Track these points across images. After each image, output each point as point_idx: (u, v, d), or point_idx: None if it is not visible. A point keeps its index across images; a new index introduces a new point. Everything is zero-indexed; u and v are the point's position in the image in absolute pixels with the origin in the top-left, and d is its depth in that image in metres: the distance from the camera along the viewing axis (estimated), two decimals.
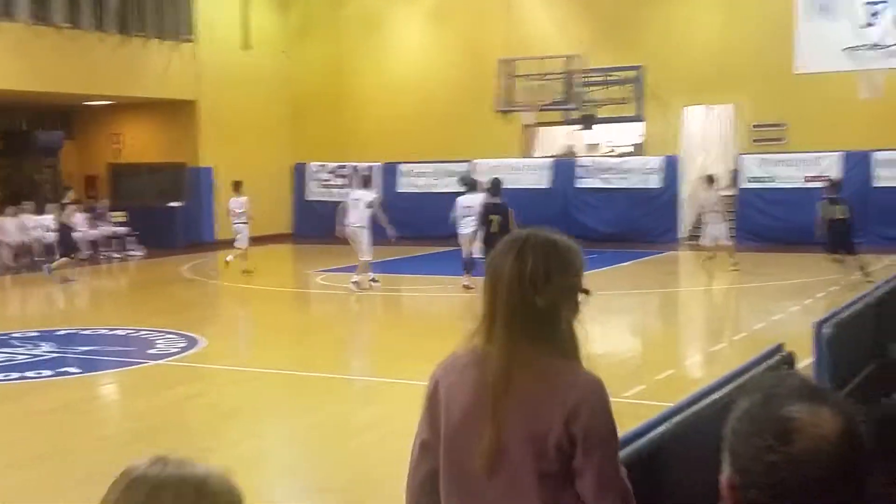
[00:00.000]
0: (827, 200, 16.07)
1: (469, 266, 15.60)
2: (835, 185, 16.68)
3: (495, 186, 14.17)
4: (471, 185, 17.01)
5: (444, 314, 15.87)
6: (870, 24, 21.11)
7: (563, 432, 2.33)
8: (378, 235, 16.78)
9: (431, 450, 2.57)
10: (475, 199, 15.99)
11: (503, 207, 14.04)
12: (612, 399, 2.41)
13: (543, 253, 2.43)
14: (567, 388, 2.36)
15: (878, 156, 21.15)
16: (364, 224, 16.26)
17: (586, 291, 2.46)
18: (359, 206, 16.41)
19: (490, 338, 2.43)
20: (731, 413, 1.59)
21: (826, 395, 1.57)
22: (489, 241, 13.06)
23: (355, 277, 16.20)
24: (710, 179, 18.83)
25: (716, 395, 3.78)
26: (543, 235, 2.49)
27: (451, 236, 22.99)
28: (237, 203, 19.27)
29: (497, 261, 2.47)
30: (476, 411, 2.41)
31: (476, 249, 15.37)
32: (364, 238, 16.24)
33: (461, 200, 16.54)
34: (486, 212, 13.45)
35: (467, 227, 15.92)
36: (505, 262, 2.43)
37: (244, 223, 19.06)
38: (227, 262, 18.84)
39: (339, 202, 17.79)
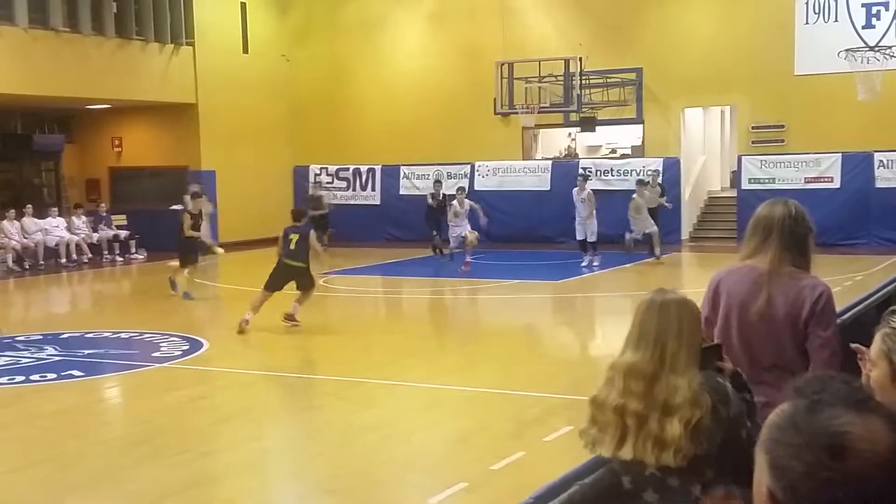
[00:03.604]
0: None
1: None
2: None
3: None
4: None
5: (446, 316, 15.92)
6: (868, 26, 21.15)
7: (810, 310, 3.93)
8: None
9: (709, 322, 4.01)
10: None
11: None
12: None
13: (798, 205, 4.09)
14: (813, 285, 3.98)
15: (881, 156, 21.16)
16: (591, 215, 19.56)
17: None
18: (586, 202, 19.56)
19: (760, 255, 4.00)
20: (771, 419, 1.49)
21: (872, 403, 1.47)
22: None
23: (595, 261, 19.43)
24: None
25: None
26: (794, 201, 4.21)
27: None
28: None
29: (768, 210, 4.09)
30: (753, 292, 3.98)
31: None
32: (593, 227, 19.58)
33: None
34: None
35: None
36: (776, 210, 4.05)
37: None
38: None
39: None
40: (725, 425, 3.06)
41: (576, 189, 19.94)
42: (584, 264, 19.23)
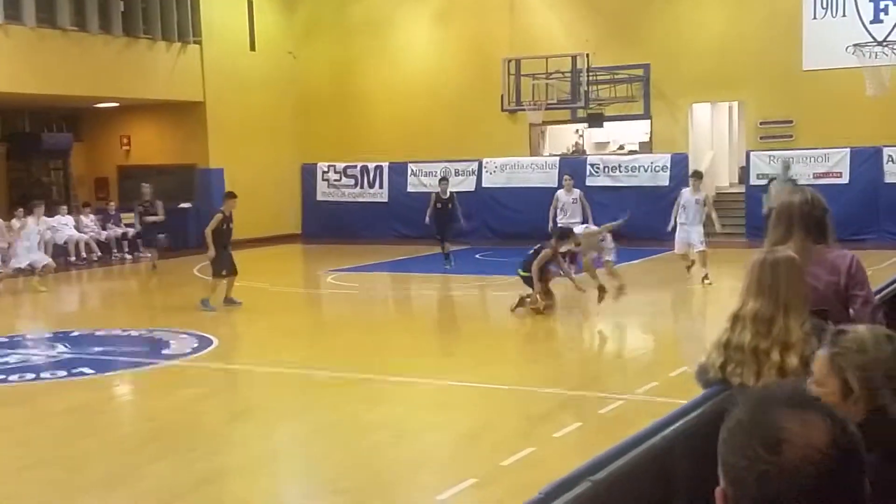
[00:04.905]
0: None
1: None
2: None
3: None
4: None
5: (455, 313, 15.94)
6: (876, 21, 21.08)
7: (847, 276, 4.58)
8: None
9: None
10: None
11: None
12: (625, 395, 2.98)
13: (813, 191, 4.77)
14: (843, 254, 4.67)
15: (890, 151, 21.09)
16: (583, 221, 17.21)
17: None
18: (578, 203, 17.75)
19: (787, 240, 4.53)
20: (724, 422, 1.57)
21: (815, 402, 1.54)
22: None
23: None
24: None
25: (729, 393, 3.82)
26: (809, 188, 4.96)
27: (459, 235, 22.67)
28: None
29: (787, 200, 4.72)
30: None
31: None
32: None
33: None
34: None
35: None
36: (794, 199, 4.68)
37: None
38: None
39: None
40: None
41: (561, 191, 18.30)
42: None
